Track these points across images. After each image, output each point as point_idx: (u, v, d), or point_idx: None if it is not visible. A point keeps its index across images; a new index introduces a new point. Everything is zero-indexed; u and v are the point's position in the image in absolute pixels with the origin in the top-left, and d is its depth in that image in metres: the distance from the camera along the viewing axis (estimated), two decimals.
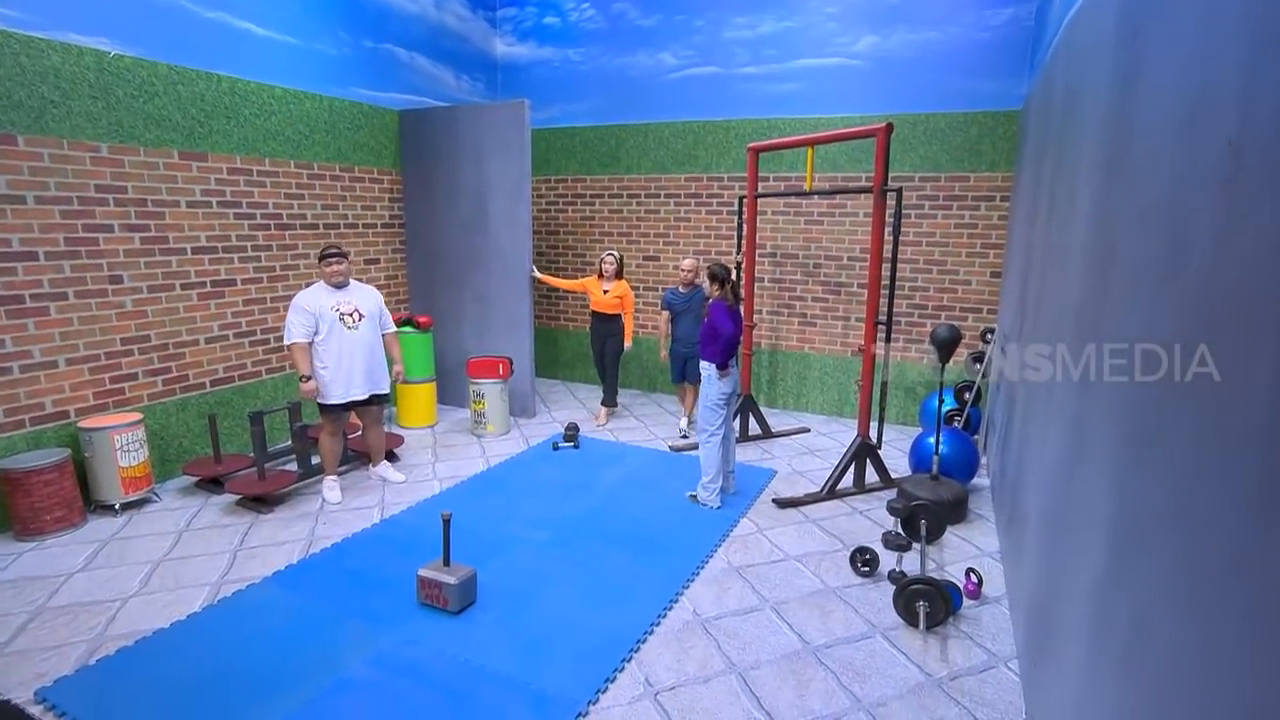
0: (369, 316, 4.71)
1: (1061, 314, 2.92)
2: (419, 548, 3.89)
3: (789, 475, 5.26)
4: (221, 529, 4.27)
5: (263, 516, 4.45)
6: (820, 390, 6.94)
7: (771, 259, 6.92)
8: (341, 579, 3.62)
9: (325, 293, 4.61)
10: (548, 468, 5.31)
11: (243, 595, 3.49)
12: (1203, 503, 1.34)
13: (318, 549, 4.00)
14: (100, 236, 4.55)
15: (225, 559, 3.90)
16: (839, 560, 3.99)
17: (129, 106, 4.63)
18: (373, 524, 4.33)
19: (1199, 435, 1.39)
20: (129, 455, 4.42)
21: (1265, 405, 1.15)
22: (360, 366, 4.67)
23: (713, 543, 4.09)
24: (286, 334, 4.50)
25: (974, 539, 4.30)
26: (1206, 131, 1.47)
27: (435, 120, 6.61)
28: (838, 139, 5.03)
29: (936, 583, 3.36)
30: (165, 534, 4.18)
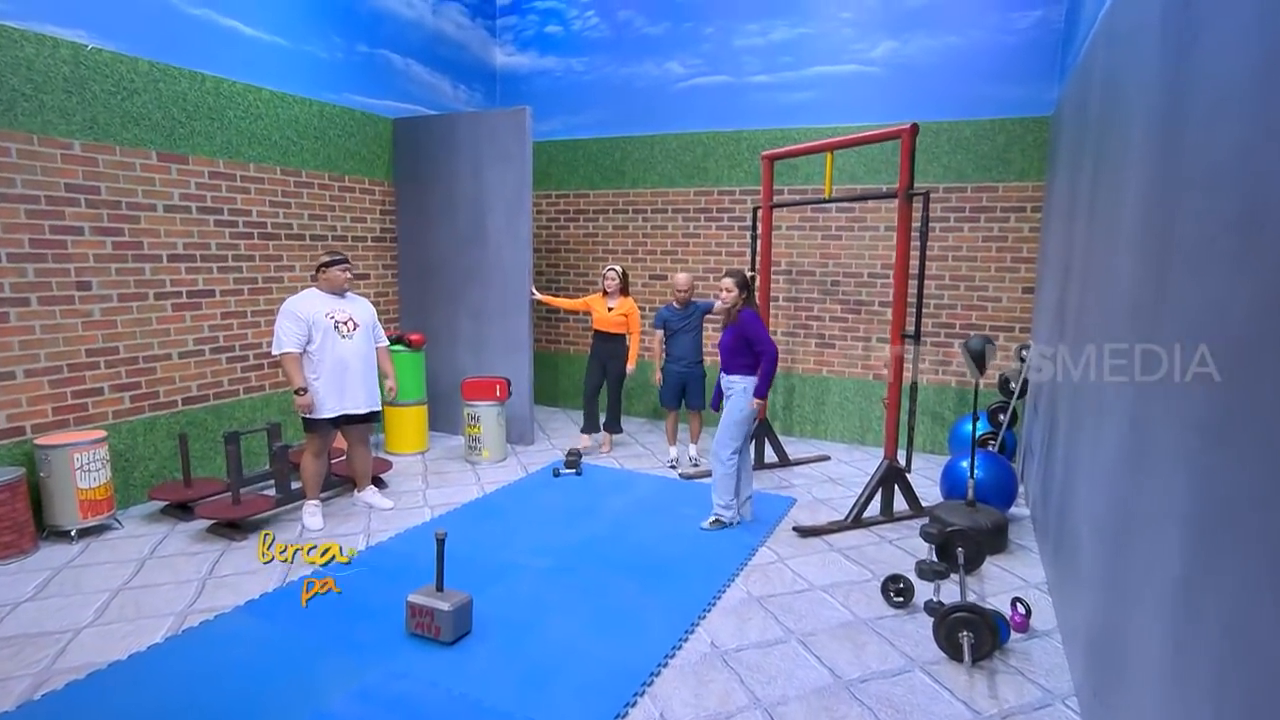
0: (364, 327, 4.63)
1: (1110, 313, 2.84)
2: (408, 575, 3.72)
3: (809, 503, 5.13)
4: (189, 557, 4.11)
5: (236, 544, 4.28)
6: (840, 416, 6.81)
7: (787, 276, 6.86)
8: (322, 608, 3.47)
9: (319, 299, 4.52)
10: (548, 494, 5.17)
11: (211, 626, 3.33)
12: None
13: (296, 577, 3.84)
14: (69, 239, 4.48)
15: (192, 588, 3.73)
16: (869, 590, 3.83)
17: (105, 103, 4.60)
18: (357, 551, 4.16)
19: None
20: (89, 476, 4.28)
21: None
22: (355, 379, 4.56)
23: (730, 571, 3.95)
24: (276, 344, 4.38)
25: (1016, 569, 4.13)
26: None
27: (431, 128, 6.61)
28: (859, 142, 4.99)
29: (982, 611, 3.20)
30: (125, 561, 4.02)
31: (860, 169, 6.42)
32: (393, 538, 4.38)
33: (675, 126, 7.20)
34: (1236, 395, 1.54)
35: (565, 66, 7.64)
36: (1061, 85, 5.40)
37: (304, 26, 5.88)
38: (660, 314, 5.83)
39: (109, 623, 3.37)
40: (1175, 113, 2.20)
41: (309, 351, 4.44)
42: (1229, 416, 1.58)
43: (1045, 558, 4.11)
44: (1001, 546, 4.36)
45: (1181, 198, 2.06)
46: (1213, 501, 1.66)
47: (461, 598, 3.19)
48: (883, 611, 3.63)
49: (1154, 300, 2.24)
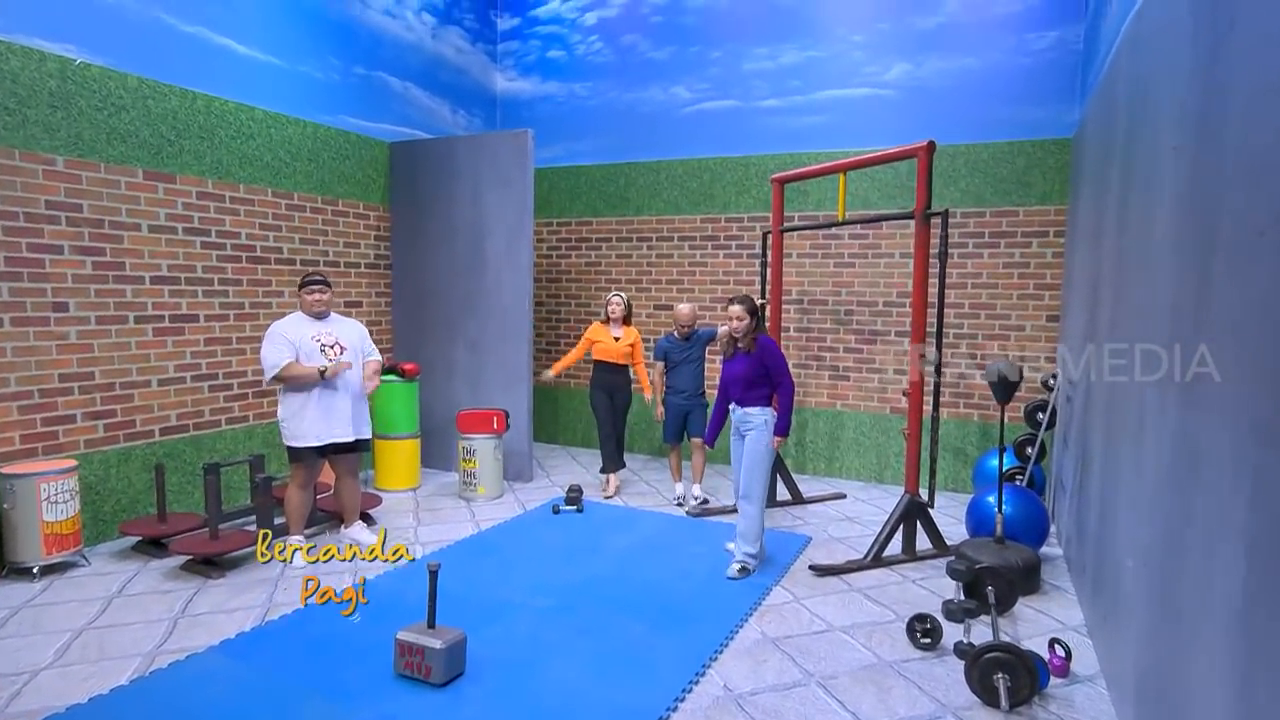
0: (351, 350, 4.57)
1: (1146, 318, 2.82)
2: (397, 614, 3.60)
3: (825, 542, 5.01)
4: (161, 595, 3.98)
5: (212, 582, 4.16)
6: (856, 452, 6.70)
7: (798, 306, 6.82)
8: (304, 648, 3.36)
9: (304, 322, 4.48)
10: (548, 531, 5.07)
11: (181, 667, 3.21)
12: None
13: (276, 615, 3.72)
14: (47, 258, 4.45)
15: (162, 627, 3.61)
16: (893, 631, 3.71)
17: (91, 119, 4.62)
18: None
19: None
20: (56, 508, 4.17)
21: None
22: (343, 405, 4.48)
23: (742, 612, 3.84)
24: (268, 367, 4.28)
25: (1051, 611, 4.00)
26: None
27: (429, 152, 6.65)
28: (874, 162, 4.99)
29: (1018, 651, 3.06)
30: (91, 600, 3.90)
31: (874, 194, 6.43)
32: (381, 575, 4.26)
33: (681, 152, 7.25)
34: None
35: (568, 92, 7.73)
36: (1083, 105, 5.43)
37: (300, 47, 5.95)
38: (660, 345, 5.74)
39: (70, 664, 3.24)
40: (1211, 108, 2.20)
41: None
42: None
43: (1083, 598, 3.98)
44: (1034, 587, 4.23)
45: (1223, 194, 2.04)
46: (1277, 512, 1.57)
47: (455, 635, 3.07)
48: (908, 654, 3.50)
49: (1195, 300, 2.22)
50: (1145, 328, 2.87)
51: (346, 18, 6.34)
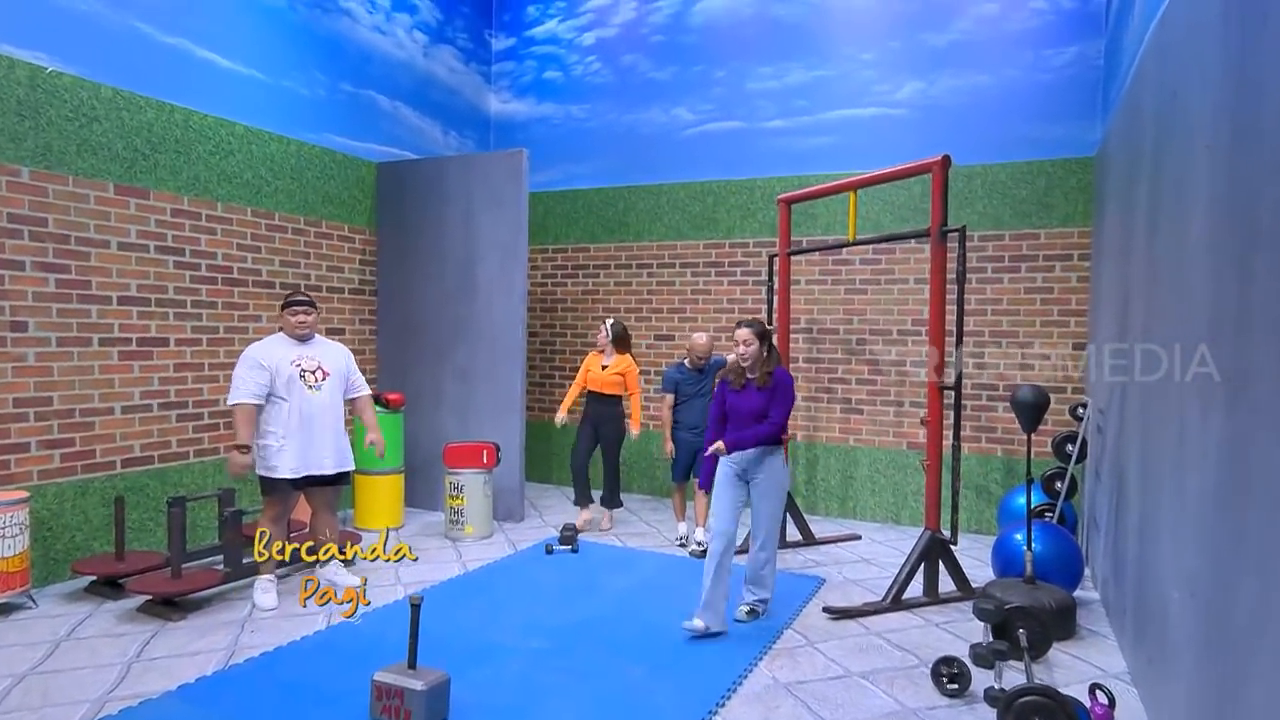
0: (334, 376, 4.49)
1: (1184, 325, 2.79)
2: (376, 658, 3.46)
3: (840, 584, 4.91)
4: (114, 638, 3.83)
5: (171, 624, 4.01)
6: (871, 491, 6.58)
7: (807, 335, 6.77)
8: (272, 693, 3.25)
9: (284, 345, 4.41)
10: (541, 571, 4.96)
11: (133, 713, 3.07)
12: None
13: (241, 658, 3.59)
14: (6, 274, 4.38)
15: (114, 671, 3.46)
16: (917, 677, 3.59)
17: (61, 129, 4.60)
18: (316, 630, 3.94)
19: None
20: (4, 543, 4.02)
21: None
22: (325, 435, 4.38)
23: (751, 656, 3.76)
24: (232, 393, 4.22)
25: (1089, 657, 3.86)
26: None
27: (419, 172, 6.65)
28: (886, 179, 5.00)
29: (1058, 696, 2.92)
30: (36, 644, 3.75)
31: (886, 216, 6.43)
32: (358, 616, 4.11)
33: (683, 175, 7.27)
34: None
35: (565, 114, 7.79)
36: (1106, 121, 5.45)
37: (284, 61, 5.98)
38: (669, 376, 5.66)
39: (9, 711, 3.09)
40: (1245, 104, 2.25)
41: (272, 403, 4.29)
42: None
43: (1124, 644, 3.85)
44: (1069, 631, 4.09)
45: (1262, 189, 2.04)
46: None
47: (437, 676, 2.94)
48: (934, 700, 3.37)
49: (1236, 299, 2.22)
50: (1182, 331, 2.86)
51: (334, 33, 6.40)
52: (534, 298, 7.89)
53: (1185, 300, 2.81)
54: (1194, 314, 2.67)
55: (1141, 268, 3.76)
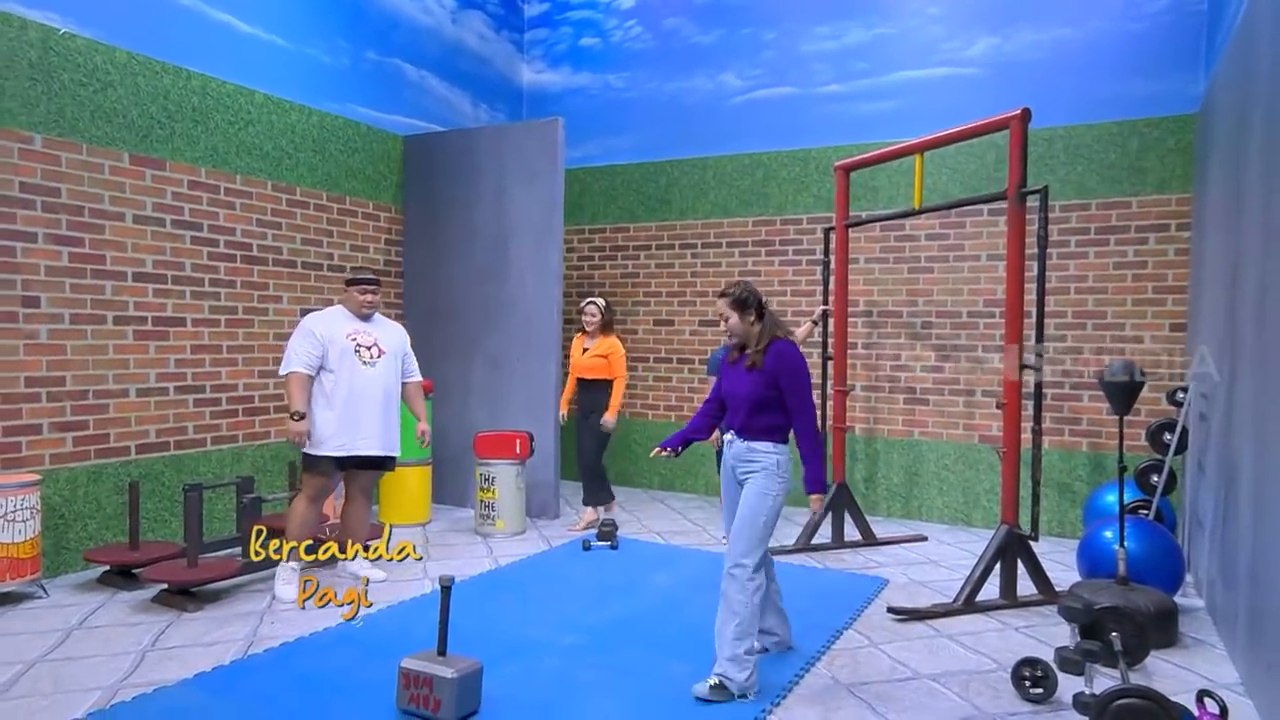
0: (390, 355, 4.61)
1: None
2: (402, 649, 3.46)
3: (905, 585, 4.83)
4: (128, 628, 3.90)
5: (187, 615, 4.07)
6: (939, 489, 6.44)
7: (866, 319, 6.66)
8: (292, 683, 3.29)
9: (343, 318, 4.56)
10: (578, 568, 4.99)
11: (148, 699, 3.12)
12: None
13: (261, 649, 3.65)
14: (19, 246, 4.48)
15: (128, 660, 3.52)
16: (995, 681, 3.50)
17: (75, 94, 4.70)
18: (338, 623, 3.96)
19: None
20: (14, 528, 4.11)
21: None
22: (374, 413, 4.49)
23: (808, 655, 3.73)
24: (285, 361, 4.41)
25: (1195, 666, 3.72)
26: None
27: (448, 146, 6.68)
28: (956, 139, 4.89)
29: (1161, 699, 2.80)
30: (47, 632, 3.84)
31: (955, 186, 6.29)
32: (383, 610, 4.17)
33: (731, 147, 7.21)
34: None
35: (602, 83, 7.78)
36: (1209, 73, 5.26)
37: (306, 27, 6.06)
38: (713, 359, 5.66)
39: (19, 697, 3.15)
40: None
41: (322, 376, 4.42)
42: None
43: (1235, 652, 3.70)
44: (1169, 639, 3.94)
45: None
46: None
47: (468, 665, 2.94)
48: (1015, 706, 3.28)
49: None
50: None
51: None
52: (570, 282, 7.88)
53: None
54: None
55: (1255, 237, 3.61)
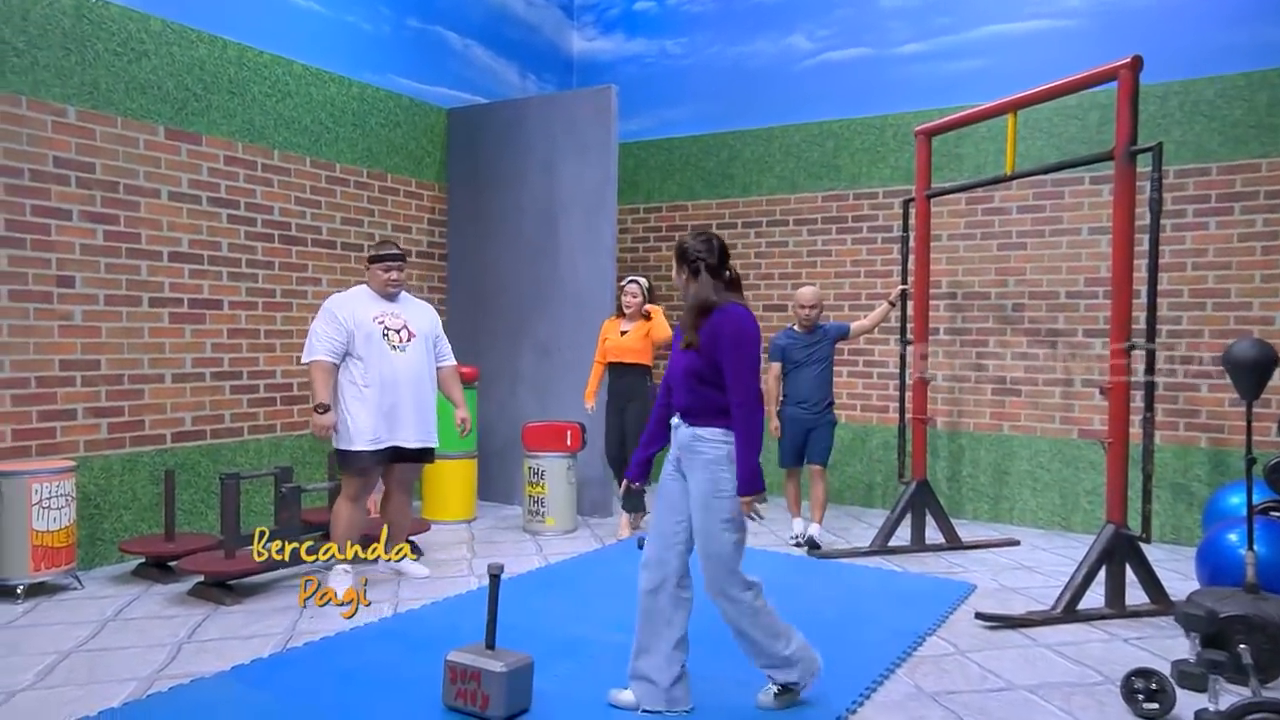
0: (421, 338, 4.56)
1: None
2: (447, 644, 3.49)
3: (994, 591, 4.74)
4: (164, 620, 4.01)
5: (224, 608, 4.16)
6: (1032, 489, 6.27)
7: (949, 300, 6.52)
8: (333, 677, 3.36)
9: (368, 300, 4.50)
10: (633, 567, 4.79)
11: (185, 690, 3.21)
12: None
13: (300, 642, 3.73)
14: (53, 224, 4.63)
15: (164, 652, 3.62)
16: (1101, 695, 3.41)
17: (109, 65, 4.84)
18: (381, 618, 4.05)
19: None
20: (49, 515, 4.25)
21: None
22: (408, 402, 4.44)
23: (887, 662, 3.67)
24: (307, 349, 4.39)
25: None
26: None
27: (494, 118, 6.73)
28: (1055, 95, 4.75)
29: None
30: (82, 623, 3.97)
31: (1051, 151, 6.11)
32: (427, 605, 4.24)
33: (799, 115, 7.14)
34: None
35: (658, 50, 7.76)
36: None
37: None
38: (776, 342, 5.60)
39: (53, 686, 3.25)
40: None
41: (349, 364, 4.39)
42: None
43: None
44: None
45: None
46: None
47: (520, 659, 2.95)
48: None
49: None
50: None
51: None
52: (623, 265, 7.87)
53: None
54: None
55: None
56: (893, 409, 6.35)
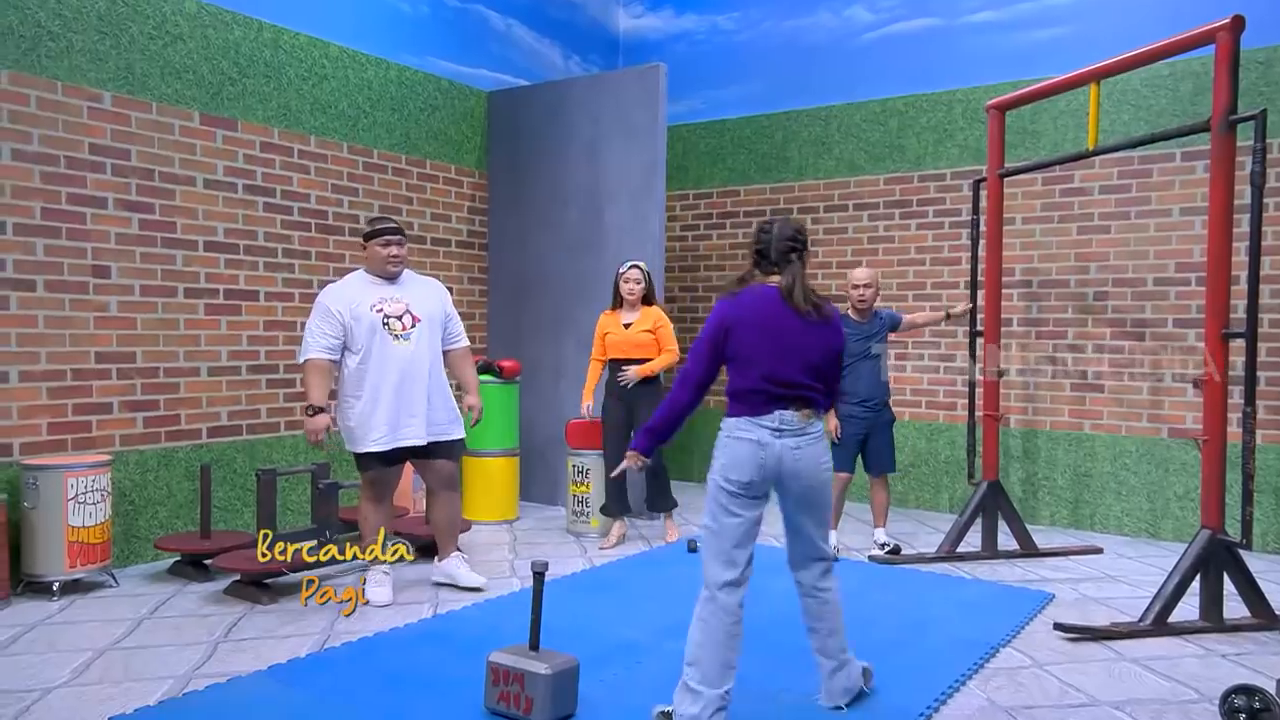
0: (428, 322, 4.44)
1: None
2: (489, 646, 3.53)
3: (1075, 602, 4.65)
4: (199, 618, 4.11)
5: (261, 608, 4.25)
6: (1116, 493, 6.14)
7: (1024, 290, 6.42)
8: (373, 678, 3.43)
9: (365, 285, 4.40)
10: (683, 570, 4.96)
11: (221, 689, 3.29)
12: None
13: (338, 643, 3.81)
14: (88, 212, 4.76)
15: (200, 650, 3.70)
16: (1196, 713, 3.33)
17: (144, 49, 4.96)
18: (420, 619, 4.12)
19: None
20: (85, 511, 4.36)
21: None
22: (416, 397, 4.35)
23: (957, 674, 3.61)
24: (302, 347, 4.33)
25: None
26: None
27: (536, 101, 6.77)
28: (1143, 62, 4.64)
29: None
30: (117, 620, 4.08)
31: (1137, 124, 5.97)
32: (469, 607, 4.31)
33: (859, 93, 7.08)
34: None
35: (709, 26, 7.75)
36: None
37: None
38: None
39: (88, 684, 3.34)
40: None
41: (346, 359, 4.31)
42: None
43: None
44: None
45: None
46: None
47: (565, 661, 2.97)
48: None
49: None
50: None
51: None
52: (671, 255, 7.88)
53: None
54: None
55: None
56: (961, 406, 6.26)
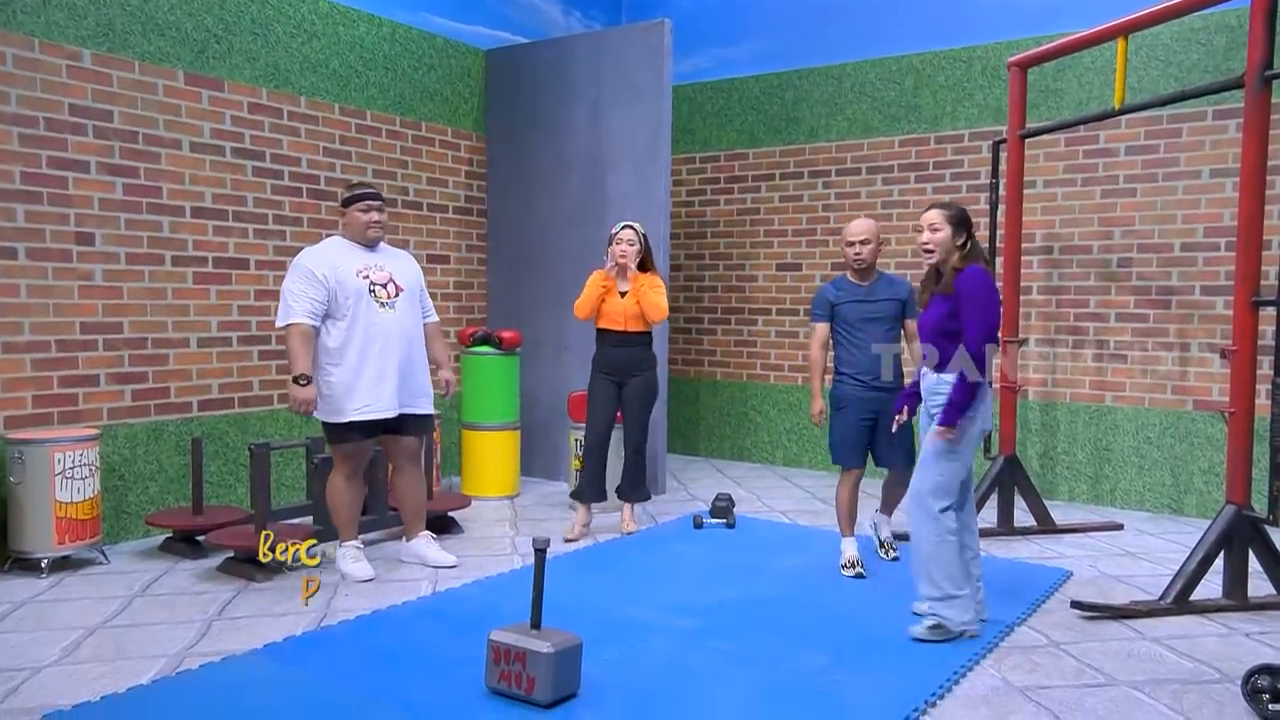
0: (409, 293, 4.51)
1: None
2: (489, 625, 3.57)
3: (1094, 579, 4.70)
4: (193, 596, 4.15)
5: (255, 585, 4.30)
6: (1138, 467, 6.16)
7: (1044, 256, 6.41)
8: (369, 656, 3.47)
9: (346, 251, 4.39)
10: (689, 547, 5.12)
11: (215, 668, 3.34)
12: None
13: (334, 621, 3.86)
14: (70, 176, 4.76)
15: (193, 629, 3.76)
16: (1217, 693, 3.36)
17: (124, 4, 4.93)
18: (419, 597, 4.17)
19: None
20: (73, 486, 4.40)
21: None
22: (398, 366, 4.38)
23: (973, 652, 3.66)
24: (282, 312, 4.25)
25: None
26: None
27: (536, 60, 6.73)
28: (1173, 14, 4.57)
29: None
30: (109, 598, 4.13)
31: (1166, 81, 5.93)
32: (468, 584, 4.35)
33: (874, 50, 7.03)
34: None
35: None
36: None
37: None
38: (822, 295, 4.65)
39: (80, 662, 3.40)
40: None
41: (328, 325, 4.29)
42: None
43: None
44: None
45: None
46: None
47: (567, 639, 3.01)
48: None
49: None
50: None
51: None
52: (677, 221, 7.87)
53: None
54: None
55: None
56: None
